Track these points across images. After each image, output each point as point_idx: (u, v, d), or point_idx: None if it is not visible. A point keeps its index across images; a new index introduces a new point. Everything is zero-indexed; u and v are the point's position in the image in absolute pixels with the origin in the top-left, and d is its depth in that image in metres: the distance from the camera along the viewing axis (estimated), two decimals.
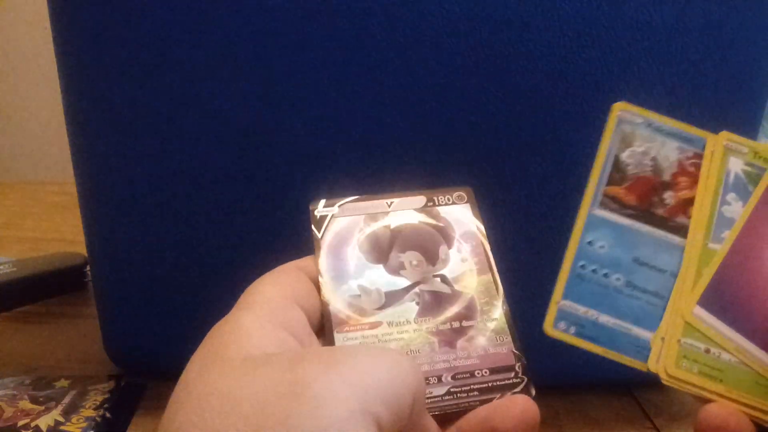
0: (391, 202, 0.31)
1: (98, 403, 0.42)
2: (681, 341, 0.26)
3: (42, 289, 0.55)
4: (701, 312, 0.26)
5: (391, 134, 0.37)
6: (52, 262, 0.57)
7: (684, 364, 0.25)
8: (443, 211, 0.31)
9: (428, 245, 0.30)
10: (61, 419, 0.40)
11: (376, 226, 0.31)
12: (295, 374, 0.20)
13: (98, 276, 0.44)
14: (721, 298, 0.26)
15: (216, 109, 0.37)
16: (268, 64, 0.36)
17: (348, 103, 0.37)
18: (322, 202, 0.31)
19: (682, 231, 0.27)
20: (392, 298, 0.29)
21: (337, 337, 0.27)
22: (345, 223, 0.31)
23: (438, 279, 0.29)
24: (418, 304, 0.29)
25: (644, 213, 0.27)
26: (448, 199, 0.31)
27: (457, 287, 0.29)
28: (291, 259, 0.28)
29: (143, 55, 0.36)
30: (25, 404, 0.41)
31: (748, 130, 0.39)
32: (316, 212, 0.31)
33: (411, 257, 0.30)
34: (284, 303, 0.26)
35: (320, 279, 0.29)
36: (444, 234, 0.30)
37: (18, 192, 0.83)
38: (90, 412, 0.41)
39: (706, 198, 0.27)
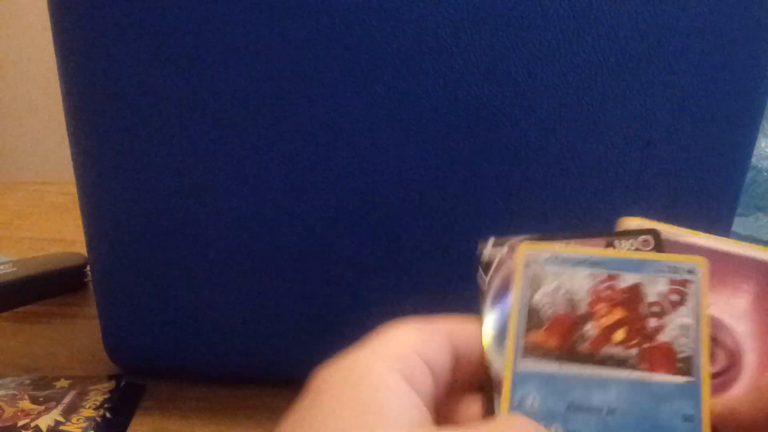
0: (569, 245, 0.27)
1: (98, 403, 0.42)
2: None
3: (42, 289, 0.55)
4: None
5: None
6: (52, 262, 0.57)
7: None
8: None
9: None
10: (61, 419, 0.40)
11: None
12: None
13: (98, 276, 0.44)
14: None
15: (216, 109, 0.37)
16: (267, 64, 0.36)
17: (337, 112, 0.37)
18: (491, 240, 0.27)
19: (609, 362, 0.25)
20: None
21: (497, 404, 0.25)
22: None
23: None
24: None
25: (569, 353, 0.25)
26: (631, 245, 0.27)
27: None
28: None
29: (143, 55, 0.36)
30: (25, 404, 0.41)
31: (749, 130, 0.39)
32: (485, 252, 0.27)
33: None
34: (419, 367, 0.24)
35: (484, 335, 0.26)
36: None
37: (18, 192, 0.83)
38: (90, 412, 0.41)
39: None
